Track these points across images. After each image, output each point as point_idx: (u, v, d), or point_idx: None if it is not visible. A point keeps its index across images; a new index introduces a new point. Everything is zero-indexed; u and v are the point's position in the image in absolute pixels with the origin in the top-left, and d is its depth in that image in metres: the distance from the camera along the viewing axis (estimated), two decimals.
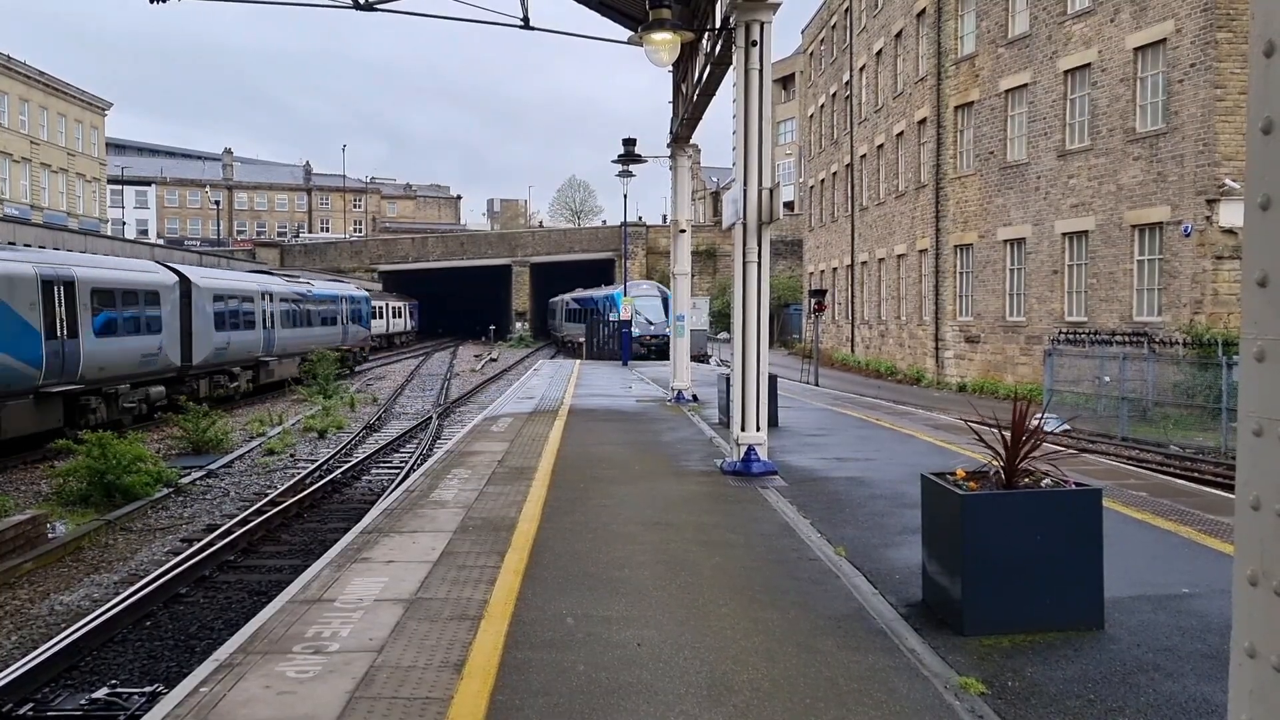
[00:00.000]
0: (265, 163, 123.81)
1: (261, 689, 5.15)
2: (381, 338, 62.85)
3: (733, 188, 12.08)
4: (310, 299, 39.84)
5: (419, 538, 8.54)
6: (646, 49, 13.46)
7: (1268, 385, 1.74)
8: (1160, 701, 5.00)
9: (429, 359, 58.31)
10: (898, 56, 40.34)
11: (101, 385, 22.42)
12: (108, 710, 7.65)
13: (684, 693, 5.07)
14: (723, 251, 67.99)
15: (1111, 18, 26.09)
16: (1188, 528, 8.68)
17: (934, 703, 4.96)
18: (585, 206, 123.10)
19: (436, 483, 11.31)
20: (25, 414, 19.45)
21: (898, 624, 6.20)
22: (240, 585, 11.48)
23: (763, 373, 11.77)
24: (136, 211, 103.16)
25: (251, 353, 32.31)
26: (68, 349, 20.80)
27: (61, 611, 10.64)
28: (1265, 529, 1.73)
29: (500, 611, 6.43)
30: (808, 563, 7.71)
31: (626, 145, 26.14)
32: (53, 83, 65.89)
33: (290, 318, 36.65)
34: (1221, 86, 22.52)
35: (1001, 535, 5.96)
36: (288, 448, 21.90)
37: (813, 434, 15.53)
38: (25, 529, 12.50)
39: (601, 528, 8.92)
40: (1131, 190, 25.47)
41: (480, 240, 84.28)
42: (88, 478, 15.86)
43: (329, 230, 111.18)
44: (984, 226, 32.67)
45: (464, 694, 5.06)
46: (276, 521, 14.36)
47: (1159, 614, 6.32)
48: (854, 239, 46.69)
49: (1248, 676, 1.77)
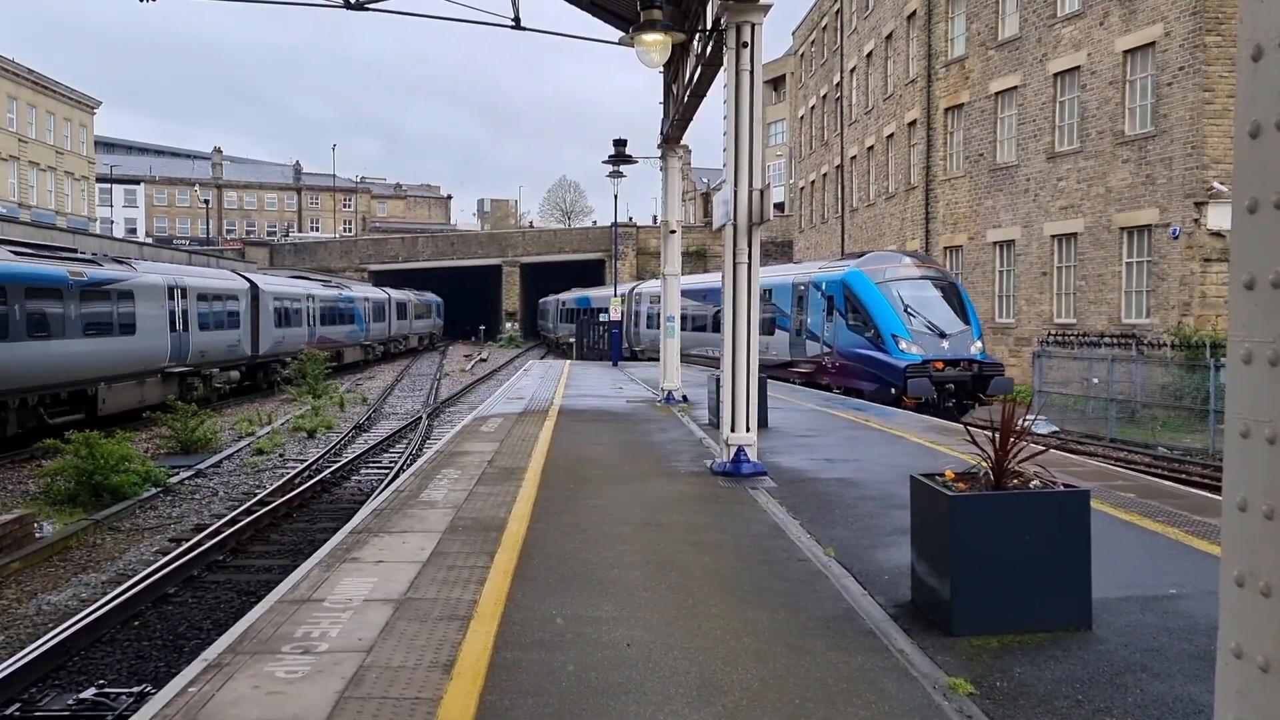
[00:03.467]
0: (255, 162, 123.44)
1: (250, 689, 5.13)
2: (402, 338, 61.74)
3: (723, 189, 12.09)
4: (341, 300, 46.57)
5: (409, 538, 8.53)
6: (638, 50, 13.46)
7: (1255, 387, 1.75)
8: (1147, 702, 5.02)
9: (418, 359, 58.25)
10: (888, 58, 40.44)
11: (201, 368, 29.35)
12: (95, 710, 7.62)
13: (673, 693, 5.07)
14: (713, 252, 68.00)
15: (1101, 21, 26.21)
16: (1175, 529, 8.72)
17: (923, 703, 4.97)
18: (575, 207, 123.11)
19: (426, 483, 11.29)
20: (157, 387, 26.32)
21: (887, 624, 6.21)
22: (229, 585, 11.44)
23: (753, 374, 11.78)
24: (125, 210, 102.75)
25: (299, 345, 38.13)
26: (182, 340, 27.95)
27: (49, 611, 10.59)
28: (1252, 530, 1.74)
29: (490, 612, 6.43)
30: (797, 563, 7.71)
31: (617, 146, 26.13)
32: (41, 80, 65.59)
33: (327, 316, 43.41)
34: (1210, 90, 22.63)
35: (990, 536, 5.98)
36: (277, 447, 21.85)
37: (802, 435, 15.54)
38: (13, 529, 12.45)
39: (591, 528, 8.91)
40: (1120, 193, 25.58)
41: (470, 240, 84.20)
42: (75, 477, 15.80)
43: (319, 230, 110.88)
44: (973, 228, 32.78)
45: (453, 694, 5.06)
46: (265, 521, 14.32)
47: (1146, 615, 6.35)
48: (844, 240, 46.78)
49: (1234, 677, 1.78)
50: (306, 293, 41.10)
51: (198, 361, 28.90)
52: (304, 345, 38.37)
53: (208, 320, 29.93)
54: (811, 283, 25.81)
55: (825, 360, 24.54)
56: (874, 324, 22.49)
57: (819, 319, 24.91)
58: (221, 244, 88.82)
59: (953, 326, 22.58)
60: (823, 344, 24.71)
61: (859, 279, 23.53)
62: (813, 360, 25.36)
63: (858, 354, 23.19)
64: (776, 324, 27.62)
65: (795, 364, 26.11)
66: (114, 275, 24.94)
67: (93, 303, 23.38)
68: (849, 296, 23.50)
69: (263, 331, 34.66)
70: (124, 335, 24.73)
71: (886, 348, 22.09)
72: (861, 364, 22.79)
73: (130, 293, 25.29)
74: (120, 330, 24.57)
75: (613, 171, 29.15)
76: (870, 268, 23.93)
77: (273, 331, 35.79)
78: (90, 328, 23.06)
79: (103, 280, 24.19)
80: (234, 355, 32.09)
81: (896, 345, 21.91)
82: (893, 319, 22.30)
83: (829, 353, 24.35)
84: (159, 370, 26.42)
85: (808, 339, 25.69)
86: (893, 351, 21.90)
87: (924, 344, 21.90)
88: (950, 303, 23.39)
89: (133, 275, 25.87)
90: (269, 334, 35.36)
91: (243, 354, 32.83)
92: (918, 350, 21.78)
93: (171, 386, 27.08)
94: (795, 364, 26.11)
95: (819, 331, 25.00)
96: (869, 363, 22.40)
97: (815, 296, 25.32)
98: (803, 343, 26.04)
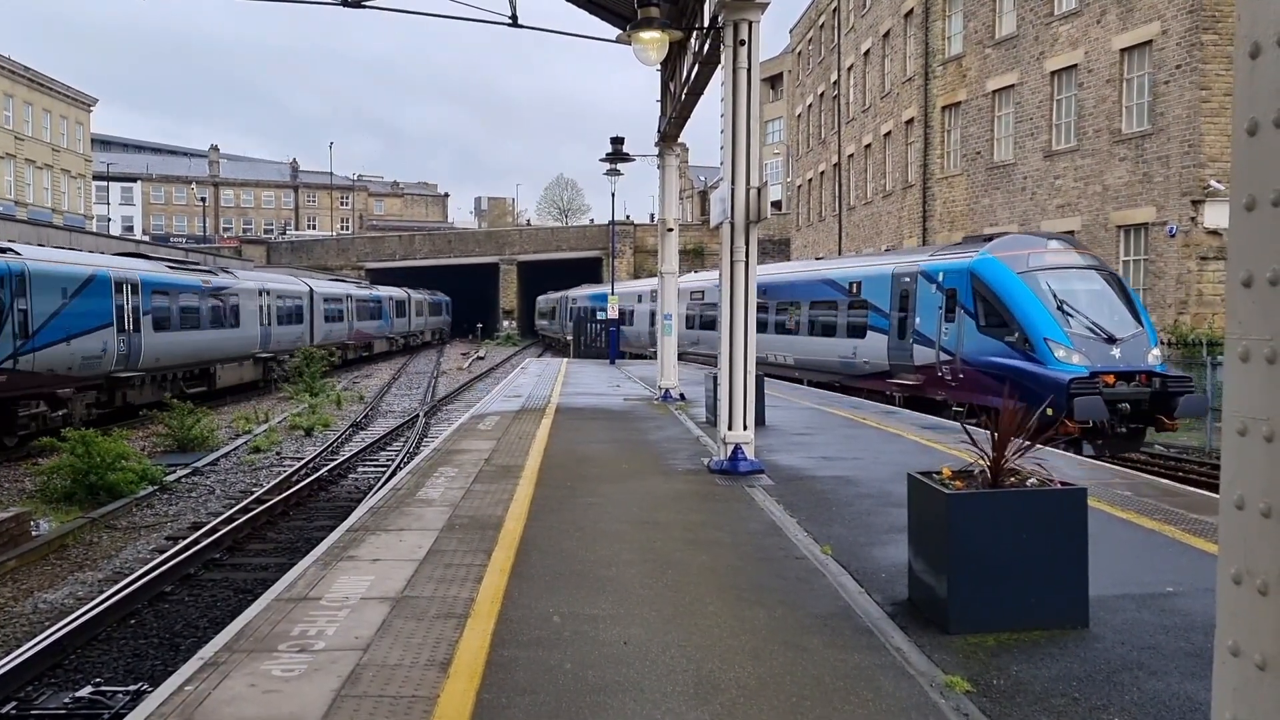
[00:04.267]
0: (252, 160, 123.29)
1: (247, 687, 5.13)
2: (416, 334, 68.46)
3: (720, 186, 12.09)
4: (372, 299, 55.06)
5: (405, 536, 8.52)
6: (635, 48, 13.44)
7: (1252, 385, 1.75)
8: (1144, 700, 5.02)
9: (415, 357, 58.23)
10: (885, 56, 40.45)
11: (277, 355, 36.95)
12: (92, 709, 7.61)
13: (670, 691, 5.07)
14: (710, 250, 68.01)
15: (1098, 19, 26.22)
16: (1172, 527, 8.72)
17: (920, 701, 4.97)
18: (573, 205, 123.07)
19: (423, 481, 11.28)
20: (250, 368, 34.65)
21: (884, 622, 6.21)
22: (225, 583, 11.43)
23: (750, 371, 11.78)
24: (122, 208, 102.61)
25: (343, 337, 47.59)
26: (267, 332, 36.04)
27: (45, 610, 10.57)
28: (1249, 528, 1.74)
29: (487, 610, 6.42)
30: (794, 561, 7.71)
31: (614, 144, 26.11)
32: (38, 78, 65.46)
33: (361, 313, 51.65)
34: (1207, 88, 22.65)
35: (987, 534, 5.98)
36: (274, 445, 21.83)
37: (800, 433, 15.55)
38: (9, 527, 12.43)
39: (589, 526, 8.91)
40: (1117, 191, 25.61)
41: (468, 238, 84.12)
42: (72, 475, 15.78)
43: (315, 228, 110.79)
44: (970, 226, 32.80)
45: (450, 692, 5.05)
46: (262, 519, 14.31)
47: (1143, 612, 6.35)
48: (841, 238, 46.80)
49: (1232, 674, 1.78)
50: (346, 293, 49.39)
51: (275, 349, 36.74)
52: (345, 337, 47.56)
53: (282, 316, 38.33)
54: (921, 273, 20.87)
55: (943, 370, 19.70)
56: (1019, 326, 17.75)
57: (933, 318, 20.20)
58: (218, 242, 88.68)
59: (1124, 329, 17.58)
60: (939, 350, 19.82)
61: (994, 268, 18.73)
62: (922, 370, 20.47)
63: (994, 364, 18.10)
64: (869, 324, 22.89)
65: (895, 374, 21.41)
66: (227, 282, 32.76)
67: (214, 303, 31.05)
68: (980, 290, 18.71)
69: (316, 326, 43.00)
70: (232, 328, 32.66)
71: (1039, 356, 17.24)
72: (1000, 377, 17.45)
73: (236, 295, 33.08)
74: (230, 324, 32.46)
75: (610, 170, 29.13)
76: (1008, 253, 19.03)
77: (323, 326, 44.10)
78: (213, 322, 30.80)
79: (220, 286, 31.91)
80: (298, 344, 39.23)
81: (1052, 353, 17.11)
82: (1045, 319, 17.53)
83: (948, 361, 19.48)
84: (252, 355, 34.28)
85: (915, 343, 20.71)
86: (1048, 361, 17.11)
87: (1089, 352, 17.08)
88: (1116, 299, 18.38)
89: (237, 282, 33.78)
90: (321, 328, 43.64)
91: (304, 343, 40.16)
92: (1081, 360, 16.96)
93: (259, 369, 35.48)
94: (895, 374, 21.41)
95: (932, 334, 20.15)
96: (1013, 375, 17.03)
97: (927, 290, 20.50)
98: (907, 348, 21.07)
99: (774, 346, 27.91)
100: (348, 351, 48.57)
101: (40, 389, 21.47)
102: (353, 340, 49.80)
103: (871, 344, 22.69)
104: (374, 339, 54.82)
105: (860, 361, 22.95)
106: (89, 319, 23.21)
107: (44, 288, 21.59)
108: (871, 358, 22.61)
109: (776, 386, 22.38)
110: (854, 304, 23.47)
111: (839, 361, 24.26)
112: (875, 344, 22.54)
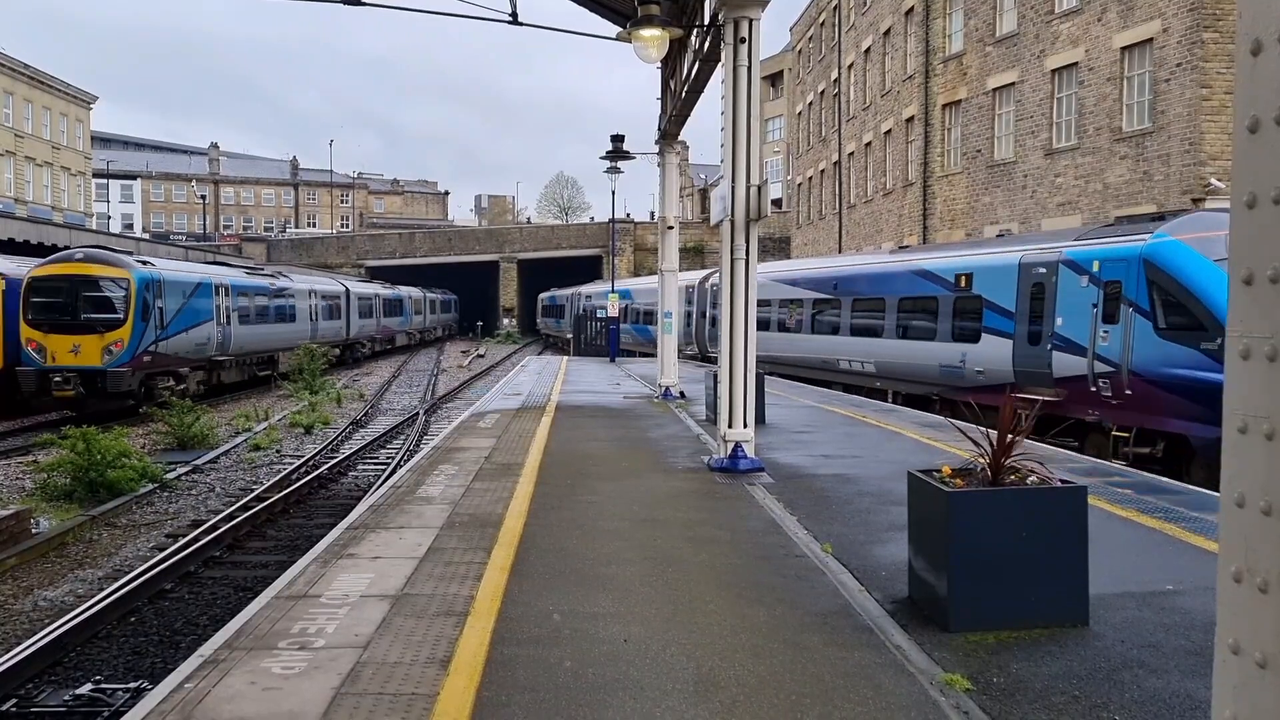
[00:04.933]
0: (252, 157, 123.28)
1: (246, 685, 5.13)
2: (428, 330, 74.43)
3: (721, 184, 12.08)
4: (394, 298, 60.73)
5: (405, 534, 8.52)
6: (635, 45, 13.44)
7: (1253, 383, 1.75)
8: (1144, 698, 5.02)
9: (415, 355, 58.24)
10: (886, 54, 40.42)
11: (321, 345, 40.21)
12: (92, 706, 7.61)
13: (670, 689, 5.07)
14: (710, 248, 67.97)
15: (1099, 17, 26.20)
16: (1172, 525, 8.73)
17: (920, 699, 4.97)
18: (573, 203, 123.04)
19: (423, 478, 11.29)
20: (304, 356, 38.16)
21: (884, 620, 6.21)
22: (226, 581, 11.43)
23: (750, 369, 11.78)
24: (122, 206, 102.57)
25: (372, 332, 54.12)
26: (315, 326, 42.00)
27: (45, 607, 10.57)
28: (1250, 526, 1.73)
29: (487, 608, 6.42)
30: (794, 559, 7.72)
31: (615, 142, 26.10)
32: (38, 76, 65.43)
33: (386, 310, 57.40)
34: (1208, 86, 22.63)
35: (987, 532, 5.98)
36: (274, 443, 21.82)
37: (800, 431, 15.54)
38: (9, 524, 12.43)
39: (589, 524, 8.91)
40: (1118, 189, 25.60)
41: (468, 236, 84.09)
42: (72, 473, 15.76)
43: (316, 226, 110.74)
44: (971, 224, 32.78)
45: (450, 690, 5.05)
46: (262, 517, 14.30)
47: (1144, 611, 6.35)
48: (842, 236, 46.78)
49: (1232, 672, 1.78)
50: (374, 293, 55.57)
51: (320, 340, 41.38)
52: (374, 332, 54.24)
53: (326, 313, 44.25)
54: (1065, 262, 16.91)
55: (1100, 385, 15.75)
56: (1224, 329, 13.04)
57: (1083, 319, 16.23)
58: (219, 240, 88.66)
59: None
60: (1094, 359, 15.87)
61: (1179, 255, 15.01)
62: (1066, 383, 16.46)
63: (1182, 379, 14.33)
64: (984, 326, 18.65)
65: (1023, 387, 17.06)
66: (286, 284, 39.14)
67: (278, 302, 37.48)
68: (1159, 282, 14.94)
69: (352, 321, 49.18)
70: (291, 323, 38.77)
71: None
72: (1192, 394, 13.98)
73: (293, 295, 39.44)
74: (289, 319, 38.71)
75: (610, 167, 29.13)
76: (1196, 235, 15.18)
77: (357, 321, 50.28)
78: (277, 318, 37.25)
79: (282, 287, 38.31)
80: (338, 338, 46.00)
81: None
82: None
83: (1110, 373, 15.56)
84: (304, 345, 37.51)
85: (1056, 350, 16.73)
86: None
87: None
88: None
89: (293, 284, 40.23)
90: (354, 323, 49.75)
91: (343, 337, 47.34)
92: None
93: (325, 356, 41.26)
94: (1023, 387, 17.06)
95: (1083, 338, 16.18)
96: (1213, 393, 13.25)
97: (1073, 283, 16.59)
98: (1042, 355, 17.09)
99: (848, 351, 23.67)
100: (375, 344, 55.15)
101: (169, 368, 27.53)
102: (380, 334, 56.00)
103: (987, 350, 18.42)
104: (397, 333, 61.56)
105: (970, 370, 18.83)
106: (199, 315, 29.41)
107: (172, 291, 27.57)
108: (987, 366, 18.37)
109: (776, 385, 22.35)
110: (962, 301, 19.33)
111: (939, 370, 20.01)
112: (993, 350, 18.25)
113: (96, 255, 26.47)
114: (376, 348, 55.52)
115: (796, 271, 28.95)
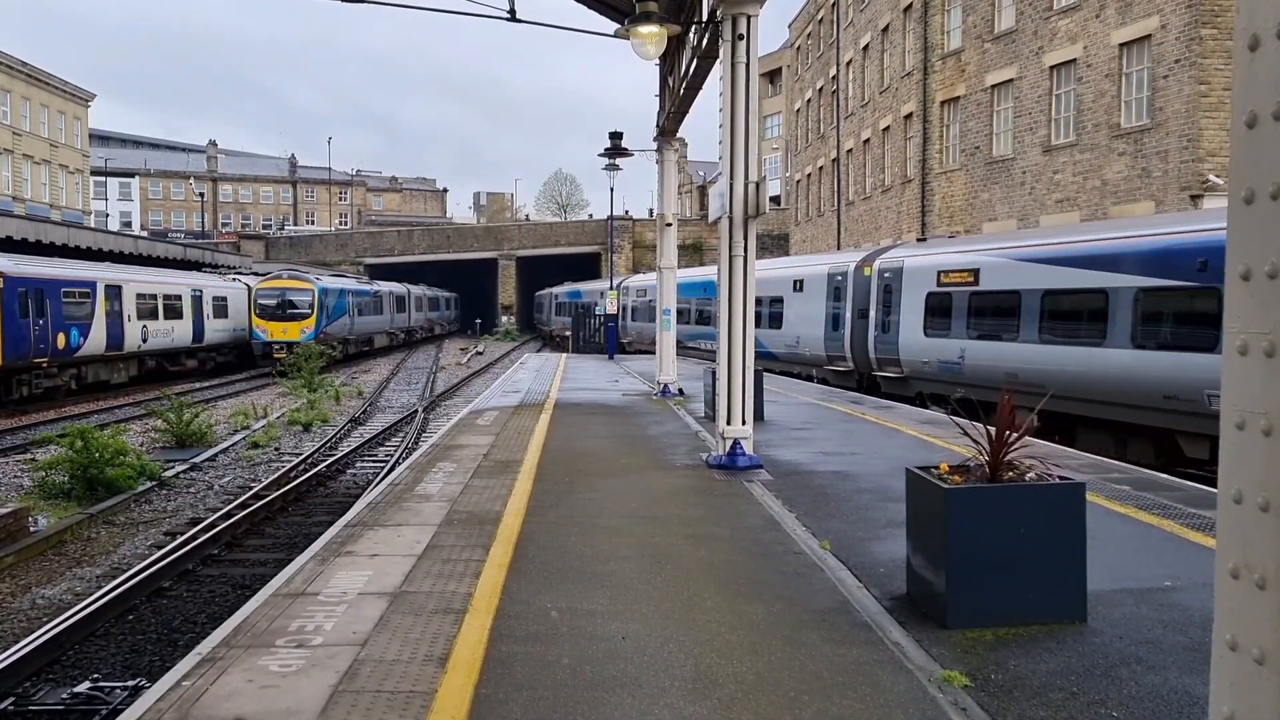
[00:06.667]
0: (250, 155, 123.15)
1: (244, 683, 5.13)
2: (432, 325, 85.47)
3: (719, 181, 12.07)
4: (431, 296, 73.62)
5: (404, 531, 8.52)
6: (633, 42, 13.42)
7: (1250, 379, 1.74)
8: (1142, 694, 5.02)
9: (414, 352, 58.25)
10: (884, 51, 40.39)
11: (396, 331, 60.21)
12: (90, 704, 7.61)
13: (669, 685, 5.07)
14: (709, 245, 67.96)
15: (1097, 13, 26.18)
16: (1170, 521, 8.73)
17: (918, 695, 4.97)
18: (571, 200, 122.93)
19: (422, 476, 11.28)
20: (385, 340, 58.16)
21: (882, 617, 6.21)
22: (224, 579, 11.43)
23: (749, 367, 11.77)
24: (120, 203, 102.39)
25: (419, 323, 68.21)
26: (390, 318, 58.52)
27: (43, 605, 10.57)
28: (1247, 522, 1.73)
29: (485, 605, 6.42)
30: (792, 556, 7.72)
31: (613, 139, 26.08)
32: (35, 73, 65.31)
33: (405, 306, 64.99)
34: (1205, 82, 22.62)
35: (986, 529, 5.98)
36: (272, 441, 21.81)
37: (798, 428, 15.54)
38: (7, 523, 12.42)
39: (587, 521, 8.91)
40: (1116, 185, 25.59)
41: (466, 233, 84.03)
42: (70, 471, 15.74)
43: (314, 223, 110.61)
44: (969, 221, 32.77)
45: (448, 687, 5.05)
46: (260, 515, 14.29)
47: (1141, 607, 6.36)
48: (840, 233, 46.76)
49: (1229, 669, 1.78)
50: (406, 291, 65.82)
51: (392, 330, 58.65)
52: (407, 325, 64.99)
53: (395, 307, 59.74)
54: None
55: None
56: None
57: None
58: (217, 237, 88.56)
59: None
60: None
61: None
62: None
63: None
64: None
65: None
66: (376, 288, 55.51)
67: (373, 301, 53.65)
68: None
69: (410, 314, 64.32)
70: (379, 315, 55.49)
71: None
72: None
73: (380, 296, 55.64)
74: (379, 313, 55.19)
75: (609, 164, 29.11)
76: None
77: (415, 314, 65.69)
78: (374, 311, 54.09)
79: (375, 291, 54.83)
80: (403, 327, 62.69)
81: None
82: None
83: None
84: (385, 331, 54.88)
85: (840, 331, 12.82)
86: None
87: None
88: None
89: (379, 288, 55.88)
90: (414, 315, 65.09)
91: (405, 325, 63.28)
92: None
93: (388, 339, 58.14)
94: None
95: None
96: None
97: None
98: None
99: (983, 356, 18.02)
100: (415, 334, 67.26)
101: (329, 342, 41.82)
102: (420, 326, 69.12)
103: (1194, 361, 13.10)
104: (435, 324, 75.65)
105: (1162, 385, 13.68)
106: (342, 311, 47.23)
107: (327, 295, 44.61)
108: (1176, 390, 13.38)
109: (774, 381, 22.35)
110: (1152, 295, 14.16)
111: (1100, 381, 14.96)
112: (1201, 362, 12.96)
113: (295, 274, 45.64)
114: (416, 336, 68.02)
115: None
